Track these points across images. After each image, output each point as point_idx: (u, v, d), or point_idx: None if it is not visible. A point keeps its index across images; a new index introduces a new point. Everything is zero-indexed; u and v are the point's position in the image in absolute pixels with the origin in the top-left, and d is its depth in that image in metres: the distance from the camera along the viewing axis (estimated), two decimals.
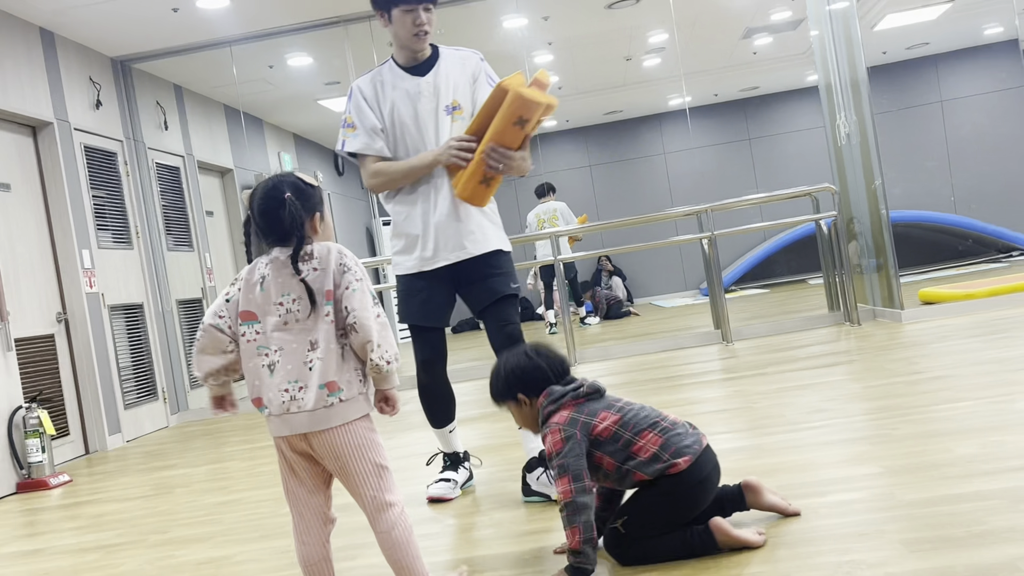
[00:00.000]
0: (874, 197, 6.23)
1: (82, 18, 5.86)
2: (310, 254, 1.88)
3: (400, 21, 2.87)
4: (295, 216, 1.86)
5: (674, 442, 2.11)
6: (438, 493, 3.06)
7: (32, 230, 5.60)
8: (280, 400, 1.84)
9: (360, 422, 1.87)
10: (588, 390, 2.18)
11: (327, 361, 1.83)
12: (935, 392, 3.54)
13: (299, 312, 1.86)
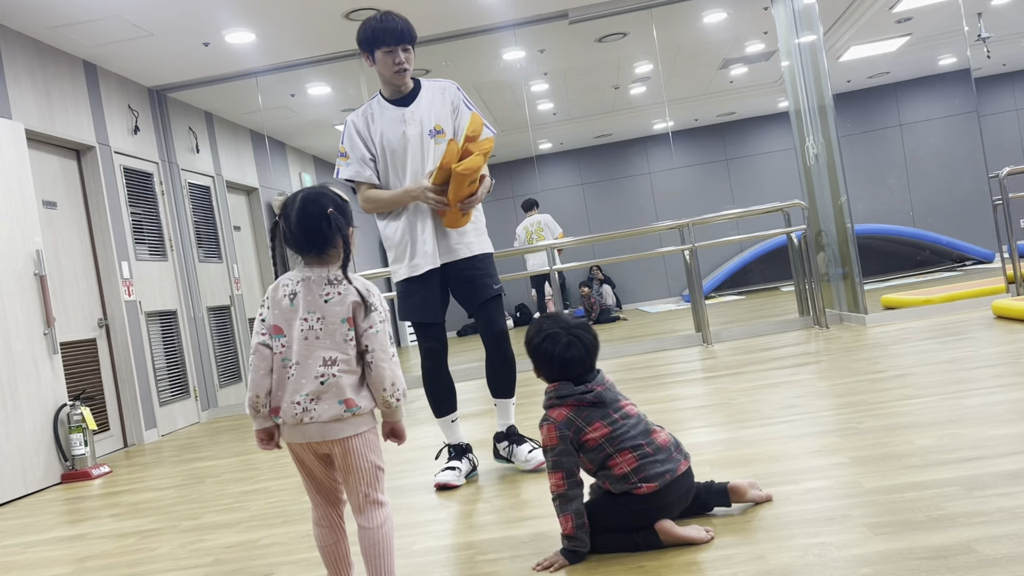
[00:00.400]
0: (840, 212, 6.23)
1: (122, 52, 5.86)
2: (339, 281, 1.83)
3: (382, 61, 3.02)
4: (340, 228, 1.82)
5: (647, 468, 2.05)
6: (445, 480, 3.06)
7: (76, 244, 5.60)
8: (292, 412, 1.80)
9: (368, 433, 1.86)
10: (594, 399, 2.10)
11: (345, 380, 1.80)
12: (896, 389, 3.53)
13: (320, 331, 1.81)
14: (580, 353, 2.13)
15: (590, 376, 2.15)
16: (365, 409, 1.83)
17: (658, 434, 2.12)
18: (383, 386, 1.82)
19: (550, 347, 2.13)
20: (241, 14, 5.57)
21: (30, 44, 5.30)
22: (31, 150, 5.23)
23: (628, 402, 2.17)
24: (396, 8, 5.93)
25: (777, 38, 7.14)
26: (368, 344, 1.82)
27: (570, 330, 2.14)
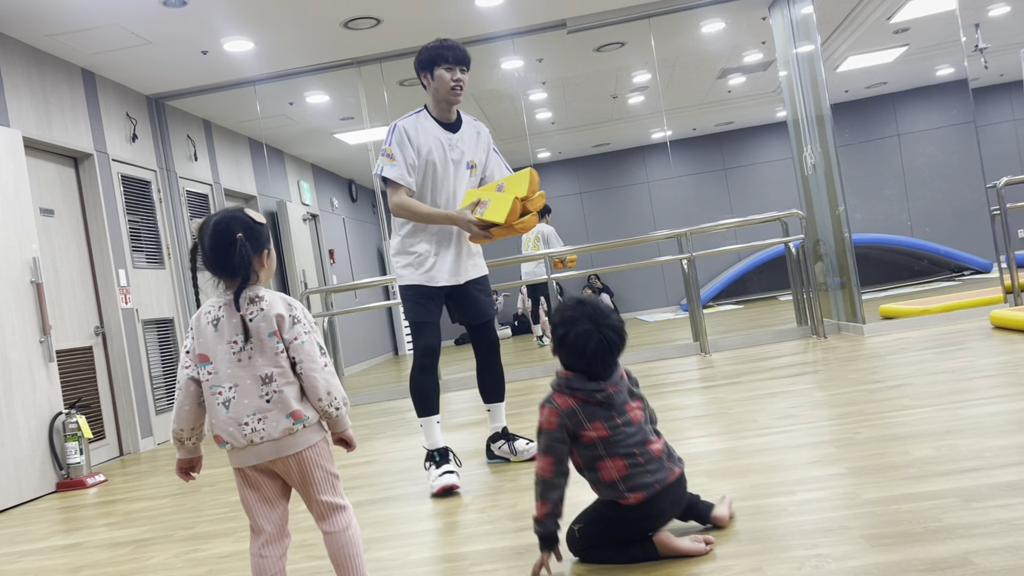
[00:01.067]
0: (838, 221, 6.23)
1: (120, 60, 5.87)
2: (260, 298, 1.85)
3: (441, 78, 3.21)
4: (244, 255, 1.82)
5: (636, 477, 2.03)
6: (449, 482, 3.09)
7: (73, 252, 5.59)
8: (242, 433, 1.80)
9: (320, 443, 1.87)
10: (602, 399, 2.06)
11: (288, 392, 1.81)
12: (894, 399, 3.52)
13: (251, 350, 1.82)
14: (605, 352, 2.08)
15: (607, 372, 2.11)
16: (312, 419, 1.84)
17: (654, 444, 2.10)
18: (318, 396, 1.82)
19: (580, 345, 2.07)
20: (240, 22, 5.58)
21: (28, 52, 5.30)
22: (29, 158, 5.23)
23: (636, 404, 2.13)
24: (396, 17, 5.97)
25: (775, 48, 7.16)
26: (296, 356, 1.82)
27: (600, 329, 2.08)
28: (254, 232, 1.86)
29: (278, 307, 1.84)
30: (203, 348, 1.85)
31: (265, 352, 1.81)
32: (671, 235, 6.64)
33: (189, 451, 1.91)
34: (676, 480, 2.09)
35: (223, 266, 1.84)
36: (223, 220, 1.85)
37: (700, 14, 6.82)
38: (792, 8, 6.49)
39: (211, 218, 1.86)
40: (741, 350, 6.26)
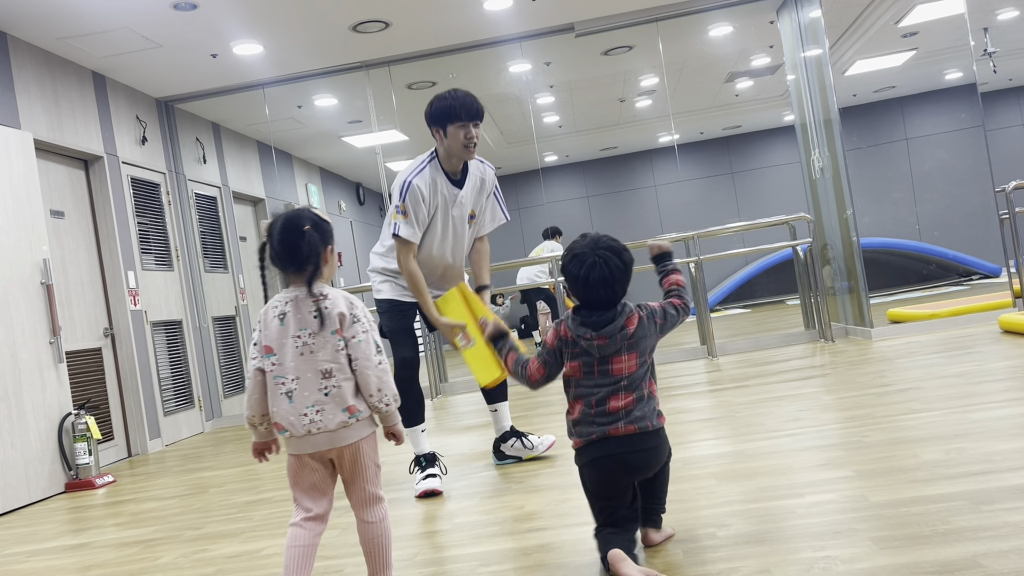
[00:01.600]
0: (846, 225, 6.22)
1: (131, 63, 5.91)
2: (324, 296, 1.94)
3: (454, 135, 3.18)
4: (312, 246, 1.93)
5: (582, 424, 2.11)
6: (431, 486, 3.14)
7: (83, 253, 5.62)
8: (301, 423, 1.91)
9: (370, 438, 1.99)
10: (585, 347, 2.09)
11: (346, 388, 1.92)
12: (902, 403, 3.52)
13: (314, 344, 1.92)
14: (603, 275, 2.09)
15: (611, 313, 2.10)
16: (365, 414, 1.95)
17: (618, 399, 2.08)
18: (370, 392, 1.93)
19: (575, 269, 2.12)
20: (249, 26, 5.60)
21: (40, 55, 5.34)
22: (39, 160, 5.26)
23: (630, 357, 2.10)
24: (404, 20, 6.00)
25: (783, 52, 7.16)
26: (353, 353, 1.93)
27: (597, 251, 2.11)
28: (320, 226, 1.96)
29: (340, 306, 1.94)
30: (268, 340, 1.95)
31: (326, 348, 1.92)
32: (678, 238, 6.63)
33: (262, 435, 2.01)
34: (621, 436, 2.06)
35: (292, 258, 1.94)
36: (292, 215, 1.96)
37: (708, 18, 6.83)
38: (800, 12, 6.49)
39: (280, 215, 1.98)
40: (748, 354, 6.25)
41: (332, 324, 1.92)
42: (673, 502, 2.55)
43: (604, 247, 2.12)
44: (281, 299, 1.98)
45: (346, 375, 1.92)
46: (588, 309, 2.13)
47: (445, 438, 4.46)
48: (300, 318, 1.93)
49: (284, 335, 1.94)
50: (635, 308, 2.14)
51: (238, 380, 7.31)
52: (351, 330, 1.93)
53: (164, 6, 5.05)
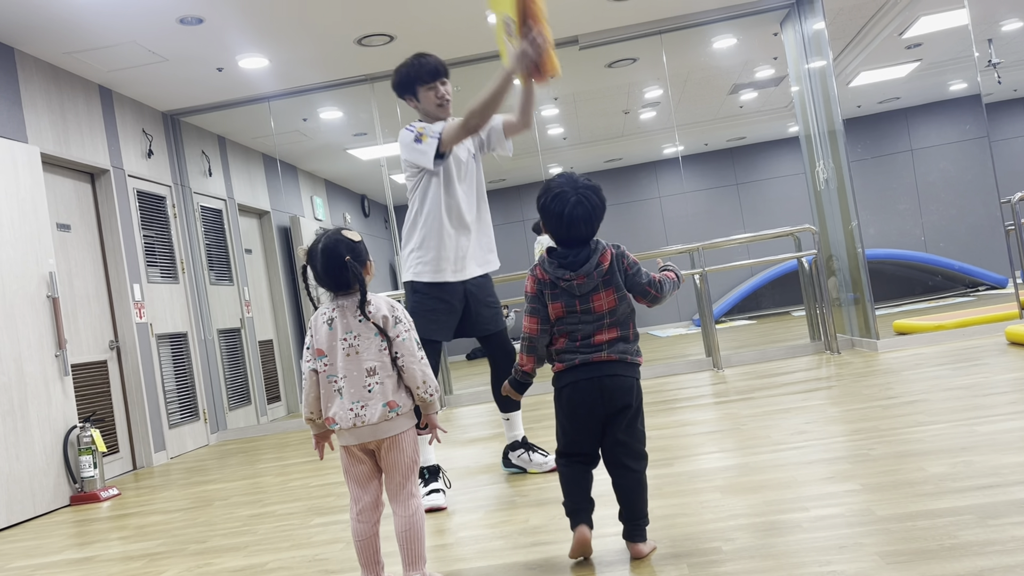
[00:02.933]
0: (851, 236, 6.22)
1: (137, 77, 5.94)
2: (368, 302, 2.15)
3: (425, 97, 3.22)
4: (355, 273, 2.13)
5: (566, 353, 2.24)
6: (435, 503, 3.13)
7: (89, 266, 5.64)
8: (348, 418, 2.12)
9: (410, 431, 2.18)
10: (565, 287, 2.21)
11: (386, 385, 2.13)
12: (909, 415, 3.50)
13: (359, 346, 2.13)
14: (585, 212, 2.21)
15: (585, 251, 2.21)
16: (405, 408, 2.16)
17: (602, 334, 2.21)
18: (416, 384, 2.15)
19: (557, 207, 2.21)
20: (255, 40, 5.64)
21: (47, 69, 5.38)
22: (46, 173, 5.29)
23: (607, 293, 2.21)
24: (408, 34, 6.02)
25: (787, 63, 7.17)
26: (398, 351, 2.15)
27: (578, 190, 2.22)
28: (356, 251, 2.16)
29: (383, 309, 2.16)
30: (319, 344, 2.16)
31: (371, 348, 2.14)
32: (683, 250, 6.63)
33: (319, 427, 2.23)
34: (600, 361, 2.20)
35: (337, 284, 2.16)
36: (329, 246, 2.14)
37: (712, 30, 6.85)
38: (804, 24, 6.51)
39: (317, 244, 2.16)
40: (754, 365, 6.24)
41: (380, 325, 2.13)
42: (677, 515, 2.54)
43: (583, 186, 2.23)
44: (329, 306, 2.18)
45: (388, 372, 2.14)
46: (565, 246, 2.24)
47: (450, 450, 4.45)
48: (346, 323, 2.14)
49: (333, 338, 2.15)
50: (605, 247, 2.25)
51: (243, 393, 7.32)
52: (395, 330, 2.14)
53: (170, 20, 5.08)
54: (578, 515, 2.23)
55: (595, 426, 2.22)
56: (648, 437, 2.33)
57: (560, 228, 2.22)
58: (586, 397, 2.20)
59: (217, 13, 5.10)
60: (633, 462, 2.21)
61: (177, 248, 6.67)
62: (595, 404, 2.19)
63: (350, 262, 2.12)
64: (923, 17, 7.38)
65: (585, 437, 2.23)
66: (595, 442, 2.24)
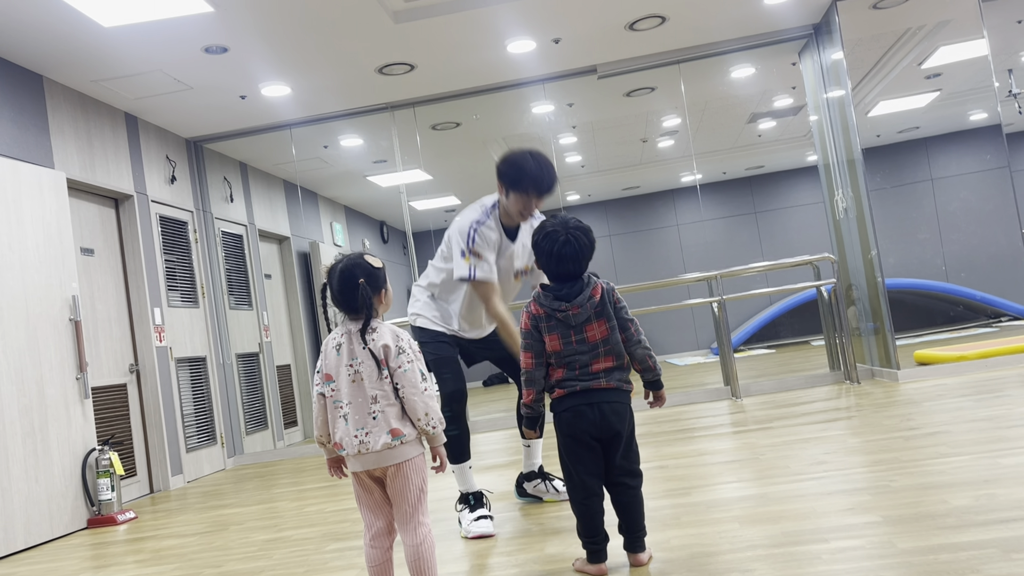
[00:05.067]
0: (870, 266, 6.18)
1: (162, 105, 6.04)
2: (373, 330, 2.16)
3: (517, 201, 3.21)
4: (366, 297, 2.16)
5: (565, 382, 2.35)
6: (484, 530, 3.08)
7: (111, 290, 5.70)
8: (352, 444, 2.13)
9: (417, 459, 2.17)
10: (561, 318, 2.35)
11: (390, 412, 2.13)
12: (930, 447, 3.46)
13: (363, 373, 2.14)
14: (573, 251, 2.36)
15: (579, 285, 2.36)
16: (410, 436, 2.15)
17: (599, 363, 2.35)
18: (417, 416, 2.14)
19: (548, 245, 2.38)
20: (278, 69, 5.73)
21: (75, 97, 5.48)
22: (72, 198, 5.37)
23: (599, 324, 2.35)
24: (430, 63, 6.10)
25: (805, 93, 7.18)
26: (399, 381, 2.14)
27: (568, 230, 2.38)
28: (373, 276, 2.19)
29: (386, 338, 2.16)
30: (328, 368, 2.19)
31: (372, 377, 2.14)
32: (701, 278, 6.62)
33: (331, 452, 2.25)
34: (599, 388, 2.33)
35: (348, 305, 2.19)
36: (347, 267, 2.18)
37: (730, 60, 6.88)
38: (822, 54, 6.53)
39: (337, 264, 2.21)
40: (773, 395, 6.19)
41: (377, 355, 2.14)
42: (695, 545, 2.52)
43: (573, 227, 2.39)
44: (339, 331, 2.20)
45: (390, 401, 2.14)
46: (558, 281, 2.40)
47: None
48: (352, 349, 2.16)
49: (340, 364, 2.17)
50: (597, 282, 2.39)
51: (260, 417, 7.34)
52: (397, 360, 2.14)
53: (196, 49, 5.18)
54: (597, 554, 2.34)
55: (596, 451, 2.33)
56: (665, 467, 2.35)
57: (551, 263, 2.39)
58: (586, 422, 2.31)
59: (242, 43, 5.19)
60: (630, 480, 2.36)
61: (198, 273, 6.73)
62: (594, 428, 2.30)
63: (362, 285, 2.15)
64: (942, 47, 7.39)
65: (588, 466, 2.32)
66: (598, 469, 2.34)
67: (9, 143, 4.78)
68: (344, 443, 2.14)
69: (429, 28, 5.42)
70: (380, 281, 2.22)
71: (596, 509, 2.33)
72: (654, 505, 3.12)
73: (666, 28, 6.07)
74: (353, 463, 2.16)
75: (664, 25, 6.00)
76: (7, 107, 4.82)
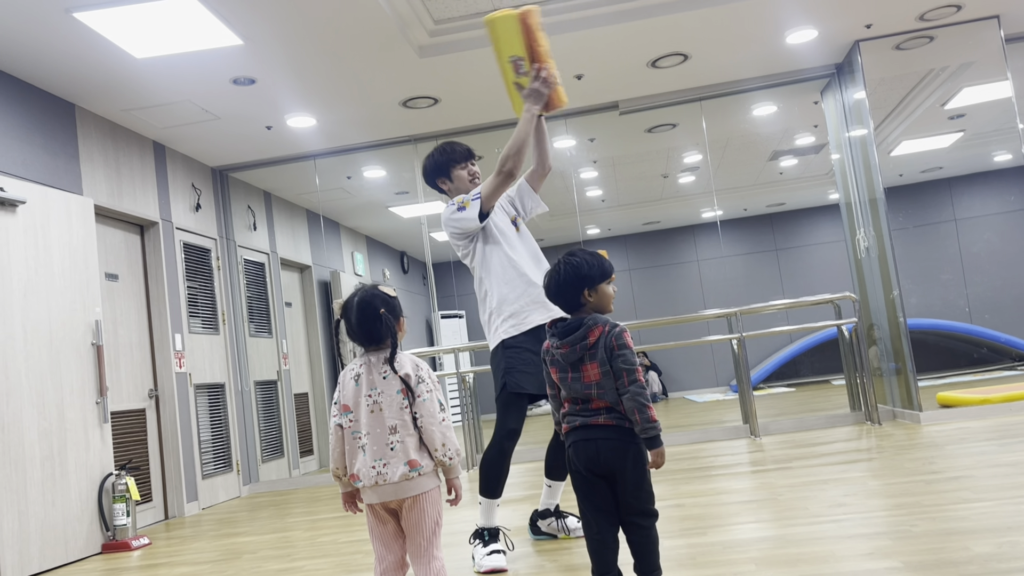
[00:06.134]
0: (892, 305, 6.13)
1: (190, 134, 6.15)
2: (396, 369, 2.16)
3: (459, 176, 3.40)
4: (389, 326, 2.17)
5: (569, 415, 2.34)
6: (494, 565, 3.05)
7: (133, 316, 5.76)
8: (370, 475, 2.12)
9: (433, 491, 2.17)
10: (556, 355, 2.34)
11: (408, 443, 2.13)
12: (953, 492, 3.40)
13: (382, 403, 2.14)
14: (554, 280, 2.36)
15: (574, 323, 2.32)
16: (428, 468, 2.14)
17: (596, 401, 2.29)
18: (434, 446, 2.14)
19: (547, 279, 2.41)
20: (304, 100, 5.82)
21: (105, 125, 5.59)
22: (98, 224, 5.46)
23: (593, 367, 2.27)
24: (453, 97, 6.18)
25: (827, 131, 7.19)
26: (418, 411, 2.14)
27: (562, 261, 2.39)
28: (391, 305, 2.21)
29: (406, 367, 2.17)
30: (346, 399, 2.19)
31: (392, 406, 2.14)
32: (721, 314, 6.59)
33: (346, 485, 2.23)
34: (597, 425, 2.28)
35: (368, 337, 2.19)
36: (366, 299, 2.19)
37: (751, 97, 6.91)
38: (844, 93, 6.54)
39: (353, 298, 2.21)
40: (792, 434, 6.12)
41: (397, 384, 2.14)
42: None
43: (565, 260, 2.38)
44: (357, 363, 2.21)
45: (409, 431, 2.13)
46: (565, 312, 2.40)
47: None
48: (371, 379, 2.16)
49: (359, 395, 2.17)
50: (601, 323, 2.31)
51: (277, 445, 7.35)
52: (416, 390, 2.14)
53: (224, 80, 5.28)
54: None
55: (601, 487, 2.29)
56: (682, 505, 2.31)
57: (551, 297, 2.40)
58: (584, 458, 2.29)
59: (269, 74, 5.29)
60: (642, 519, 2.29)
61: (219, 299, 6.79)
62: (593, 464, 2.27)
63: (385, 315, 2.16)
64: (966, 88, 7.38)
65: (594, 501, 2.29)
66: (607, 505, 2.29)
67: (40, 169, 4.88)
68: (361, 474, 2.13)
69: (453, 63, 5.49)
70: (398, 310, 2.22)
71: (606, 546, 2.29)
72: (669, 544, 3.08)
73: (688, 66, 6.12)
74: (369, 495, 2.15)
75: (686, 63, 6.05)
76: (39, 134, 4.93)
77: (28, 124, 4.86)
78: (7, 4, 4.05)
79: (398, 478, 2.10)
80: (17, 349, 4.38)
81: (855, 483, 3.87)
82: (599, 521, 2.29)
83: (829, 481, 4.00)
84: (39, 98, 4.99)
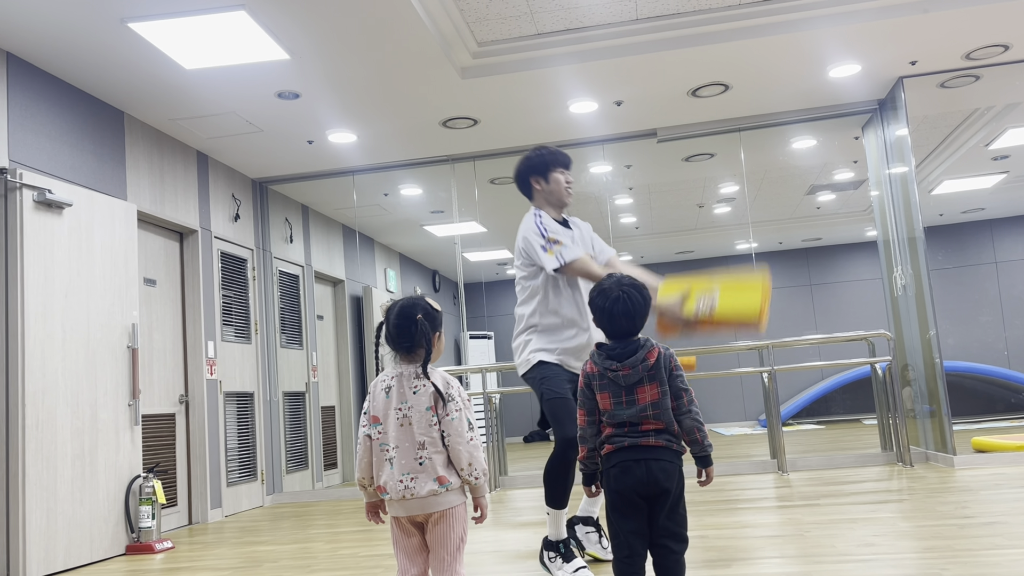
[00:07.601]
0: (928, 346, 6.03)
1: (233, 145, 6.27)
2: (428, 374, 2.18)
3: (556, 180, 3.41)
4: (424, 333, 2.18)
5: (613, 438, 2.32)
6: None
7: (168, 321, 5.85)
8: (397, 489, 2.13)
9: (459, 508, 2.17)
10: (612, 378, 2.32)
11: (437, 460, 2.14)
12: (986, 537, 3.32)
13: (412, 417, 2.15)
14: (626, 308, 2.35)
15: (633, 345, 2.33)
16: (455, 485, 2.15)
17: (647, 424, 2.30)
18: (461, 466, 2.15)
19: (601, 302, 2.38)
20: (346, 116, 5.91)
21: (152, 134, 5.72)
22: (140, 230, 5.57)
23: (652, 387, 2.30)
24: (493, 119, 6.24)
25: (867, 167, 7.13)
26: (446, 429, 2.15)
27: (622, 287, 2.38)
28: (430, 315, 2.23)
29: (438, 383, 2.18)
30: (376, 411, 2.20)
31: (421, 422, 2.15)
32: (752, 347, 6.53)
33: (371, 495, 2.25)
34: (648, 446, 2.28)
35: (403, 343, 2.20)
36: (408, 304, 2.22)
37: (791, 130, 6.89)
38: (886, 130, 6.49)
39: (398, 302, 2.25)
40: (821, 471, 6.02)
41: (427, 401, 2.15)
42: None
43: (627, 284, 2.39)
44: (389, 374, 2.21)
45: (437, 448, 2.14)
46: (613, 339, 2.39)
47: (501, 532, 4.39)
48: (402, 393, 2.17)
49: (388, 407, 2.17)
50: (656, 344, 2.36)
51: (301, 456, 7.38)
52: (445, 408, 2.15)
53: (269, 94, 5.38)
54: None
55: (641, 510, 2.28)
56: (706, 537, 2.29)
57: (603, 320, 2.39)
58: (632, 478, 2.27)
59: (313, 90, 5.38)
60: (675, 544, 2.29)
61: (253, 309, 6.88)
62: (640, 485, 2.26)
63: (420, 320, 2.17)
64: (1011, 130, 7.29)
65: (632, 523, 2.27)
66: (643, 529, 2.28)
67: (87, 174, 5.00)
68: (389, 487, 2.14)
69: (495, 85, 5.55)
70: (437, 323, 2.24)
71: (637, 569, 2.29)
72: (693, 574, 3.04)
73: (729, 96, 6.12)
74: (396, 508, 2.16)
75: (727, 93, 6.05)
76: (88, 140, 5.06)
77: (79, 129, 4.99)
78: (64, 14, 4.17)
79: (425, 493, 2.11)
80: (55, 348, 4.47)
81: (885, 523, 3.79)
82: (633, 544, 2.27)
83: (858, 520, 3.93)
84: (90, 105, 5.12)
